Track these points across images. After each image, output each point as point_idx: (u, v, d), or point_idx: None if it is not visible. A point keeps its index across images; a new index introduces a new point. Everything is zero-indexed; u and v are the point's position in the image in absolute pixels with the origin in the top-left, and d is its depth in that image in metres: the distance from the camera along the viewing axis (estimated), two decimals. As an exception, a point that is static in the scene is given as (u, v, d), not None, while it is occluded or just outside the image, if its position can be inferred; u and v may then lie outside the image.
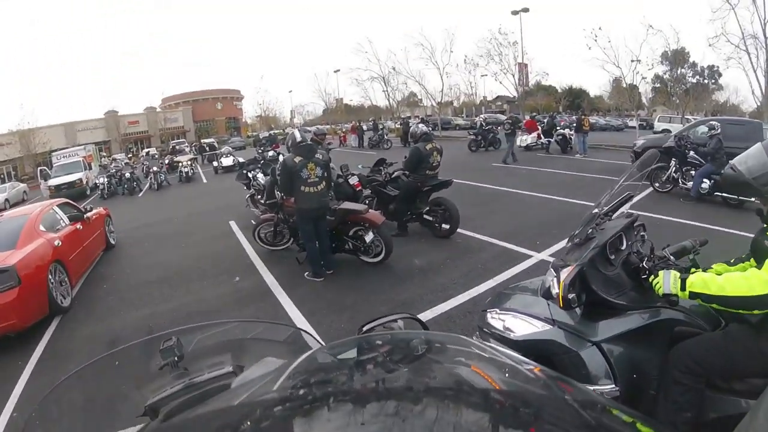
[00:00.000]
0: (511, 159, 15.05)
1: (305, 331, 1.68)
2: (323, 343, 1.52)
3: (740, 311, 1.61)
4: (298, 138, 5.41)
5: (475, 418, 0.73)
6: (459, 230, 6.56)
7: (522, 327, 2.17)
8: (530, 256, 5.50)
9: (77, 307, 5.84)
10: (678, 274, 1.75)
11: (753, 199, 1.82)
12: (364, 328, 1.37)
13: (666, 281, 1.74)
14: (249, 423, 0.81)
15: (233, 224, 9.06)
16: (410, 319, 1.47)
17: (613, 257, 2.12)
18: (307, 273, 5.60)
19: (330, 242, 5.70)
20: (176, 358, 1.36)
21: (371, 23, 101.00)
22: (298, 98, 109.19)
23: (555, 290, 1.94)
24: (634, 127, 25.36)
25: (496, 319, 2.28)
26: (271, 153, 11.68)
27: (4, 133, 41.29)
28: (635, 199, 2.49)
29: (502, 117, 42.52)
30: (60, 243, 6.10)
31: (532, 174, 12.46)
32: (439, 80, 32.19)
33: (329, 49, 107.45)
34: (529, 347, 2.08)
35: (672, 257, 2.05)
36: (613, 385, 1.86)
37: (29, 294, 5.10)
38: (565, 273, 1.92)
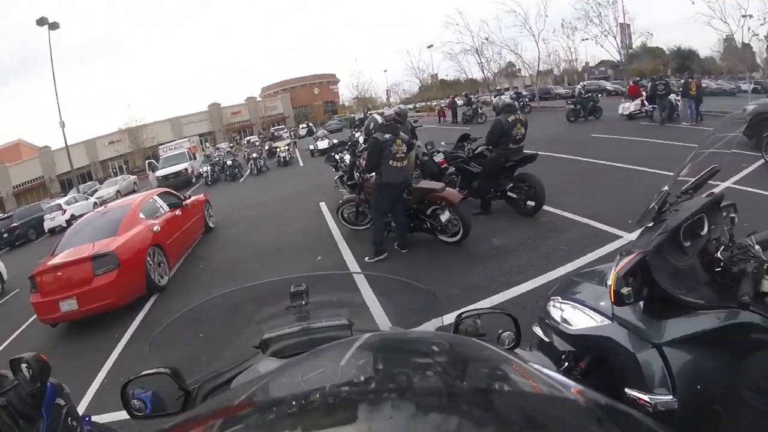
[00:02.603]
0: (659, 117, 14.96)
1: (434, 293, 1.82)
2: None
3: None
4: (380, 120, 5.75)
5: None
6: (545, 208, 6.26)
7: (580, 320, 1.98)
8: (619, 237, 5.09)
9: (174, 285, 6.62)
10: None
11: None
12: (462, 316, 1.35)
13: None
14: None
15: (323, 205, 9.56)
16: (506, 315, 1.40)
17: (688, 244, 1.82)
18: (367, 257, 5.73)
19: (407, 222, 5.79)
20: (303, 303, 1.54)
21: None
22: (393, 77, 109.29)
23: (608, 282, 1.73)
24: (746, 92, 21.99)
25: (557, 309, 2.12)
26: (357, 134, 11.96)
27: (115, 132, 46.70)
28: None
29: (605, 83, 39.19)
30: (159, 228, 6.86)
31: (633, 145, 11.40)
32: (535, 48, 30.16)
33: (421, 24, 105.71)
34: (584, 343, 1.94)
35: (757, 246, 1.68)
36: (671, 396, 1.62)
37: (128, 275, 5.82)
38: (622, 263, 1.71)
